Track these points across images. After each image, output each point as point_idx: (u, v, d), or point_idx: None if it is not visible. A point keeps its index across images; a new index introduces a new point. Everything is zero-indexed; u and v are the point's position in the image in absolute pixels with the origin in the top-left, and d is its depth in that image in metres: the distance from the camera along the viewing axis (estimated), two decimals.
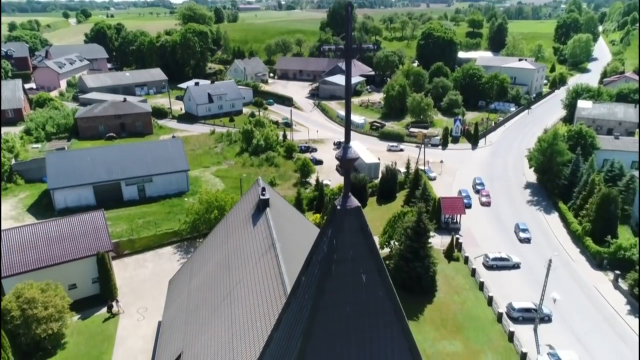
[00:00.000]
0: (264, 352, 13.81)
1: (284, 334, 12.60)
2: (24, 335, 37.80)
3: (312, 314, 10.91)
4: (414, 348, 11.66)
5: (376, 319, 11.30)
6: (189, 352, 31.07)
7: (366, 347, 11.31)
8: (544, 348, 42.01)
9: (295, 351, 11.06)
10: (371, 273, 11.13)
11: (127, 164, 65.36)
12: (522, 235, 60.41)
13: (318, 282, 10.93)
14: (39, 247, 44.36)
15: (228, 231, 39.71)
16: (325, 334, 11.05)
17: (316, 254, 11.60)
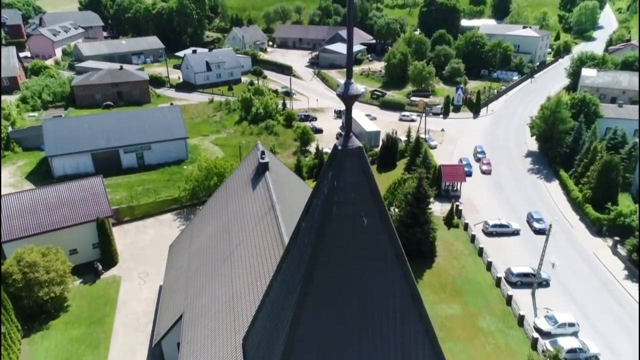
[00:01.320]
0: (264, 300, 13.70)
1: (284, 280, 12.43)
2: (26, 298, 38.13)
3: (313, 258, 10.69)
4: (416, 293, 11.50)
5: (377, 262, 11.08)
6: (189, 312, 31.34)
7: (367, 291, 11.14)
8: (541, 311, 42.53)
9: (295, 295, 10.88)
10: (373, 216, 10.85)
11: (125, 131, 64.66)
12: (536, 226, 54.25)
13: (318, 225, 10.67)
14: (38, 212, 44.27)
15: (228, 196, 39.53)
16: (325, 278, 10.85)
17: (316, 197, 11.29)
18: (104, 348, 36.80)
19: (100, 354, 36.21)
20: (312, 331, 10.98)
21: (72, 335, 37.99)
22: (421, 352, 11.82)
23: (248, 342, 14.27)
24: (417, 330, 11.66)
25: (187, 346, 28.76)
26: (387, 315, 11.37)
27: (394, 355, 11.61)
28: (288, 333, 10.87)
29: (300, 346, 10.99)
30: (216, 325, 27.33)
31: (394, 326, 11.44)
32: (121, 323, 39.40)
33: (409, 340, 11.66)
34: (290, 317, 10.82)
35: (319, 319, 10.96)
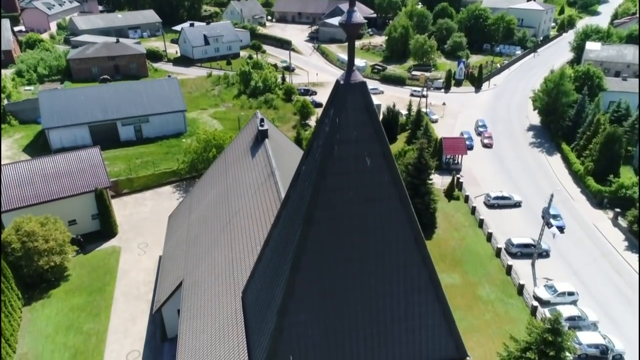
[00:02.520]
0: (263, 250, 13.40)
1: (283, 227, 12.09)
2: (26, 267, 38.05)
3: (313, 199, 10.30)
4: (420, 238, 11.15)
5: (380, 205, 10.70)
6: (189, 279, 31.28)
7: (370, 234, 10.79)
8: (541, 281, 42.60)
9: (295, 239, 10.53)
10: (376, 156, 10.42)
11: (123, 103, 63.78)
12: (555, 223, 46.86)
13: (319, 166, 10.24)
14: (35, 183, 43.87)
15: (227, 165, 39.11)
16: (326, 220, 10.49)
17: (317, 139, 10.84)
18: (104, 316, 36.92)
19: (101, 322, 36.35)
20: (313, 276, 10.68)
21: (72, 303, 38.08)
22: (424, 297, 11.57)
23: (248, 294, 14.03)
24: (420, 275, 11.38)
25: (187, 312, 28.77)
26: (389, 259, 11.05)
27: (397, 301, 11.35)
28: (288, 279, 10.57)
29: (300, 291, 10.71)
30: (216, 291, 27.26)
31: (397, 271, 11.14)
32: (121, 292, 39.48)
33: (411, 286, 11.38)
34: (290, 262, 10.49)
35: (320, 263, 10.64)
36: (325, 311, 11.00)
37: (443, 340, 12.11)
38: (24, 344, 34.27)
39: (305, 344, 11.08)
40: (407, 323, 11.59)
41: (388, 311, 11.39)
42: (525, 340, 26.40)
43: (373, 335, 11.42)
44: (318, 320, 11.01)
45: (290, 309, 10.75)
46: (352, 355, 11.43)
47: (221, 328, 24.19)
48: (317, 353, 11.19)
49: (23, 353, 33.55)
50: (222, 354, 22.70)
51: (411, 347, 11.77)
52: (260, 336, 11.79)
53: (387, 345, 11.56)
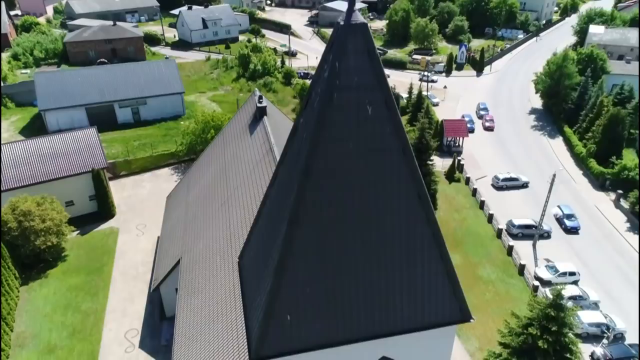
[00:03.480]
0: (260, 211, 12.92)
1: (280, 184, 11.60)
2: (23, 247, 37.67)
3: (312, 150, 9.78)
4: (423, 194, 10.66)
5: (382, 157, 10.19)
6: (187, 256, 30.94)
7: (370, 188, 10.30)
8: (542, 261, 42.32)
9: (293, 194, 10.03)
10: (378, 105, 9.88)
11: (120, 85, 62.91)
12: (568, 224, 46.19)
13: (318, 114, 9.71)
14: (31, 163, 43.34)
15: (225, 143, 38.55)
16: (325, 173, 9.99)
17: (316, 86, 10.29)
18: (102, 295, 36.66)
19: (99, 301, 36.10)
20: (311, 231, 10.22)
21: (70, 283, 37.80)
22: (427, 256, 11.12)
23: (244, 258, 13.59)
24: (423, 233, 10.92)
25: (185, 289, 28.46)
26: (391, 216, 10.57)
27: (399, 259, 10.91)
28: (286, 235, 10.10)
29: (298, 248, 10.25)
30: (213, 267, 26.91)
31: (399, 228, 10.68)
32: (120, 272, 39.18)
33: (414, 244, 10.93)
34: (288, 217, 10.01)
35: (318, 218, 10.16)
36: (324, 269, 10.55)
37: (446, 302, 11.71)
38: (22, 322, 34.05)
39: (303, 304, 10.66)
40: (409, 284, 11.15)
41: (389, 271, 10.95)
42: (527, 317, 26.09)
43: (374, 296, 11.00)
44: (317, 279, 10.57)
45: (288, 267, 10.30)
46: (351, 317, 11.02)
47: (219, 304, 23.87)
48: (315, 313, 10.77)
49: (20, 332, 33.33)
50: (219, 329, 22.40)
51: (413, 309, 11.36)
52: (257, 297, 11.38)
53: (388, 307, 11.16)
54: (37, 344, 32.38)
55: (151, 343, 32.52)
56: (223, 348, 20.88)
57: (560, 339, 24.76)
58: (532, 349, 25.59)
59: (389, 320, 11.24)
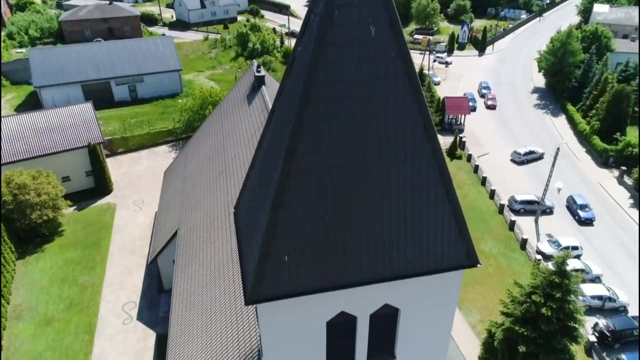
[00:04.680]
0: (256, 154, 12.27)
1: (277, 121, 10.92)
2: (18, 220, 37.18)
3: (311, 75, 9.08)
4: (430, 127, 10.00)
5: (386, 85, 9.49)
6: (184, 227, 30.42)
7: (373, 119, 9.63)
8: (544, 236, 41.85)
9: (291, 123, 9.36)
10: (381, 25, 9.15)
11: (116, 62, 61.85)
12: (582, 215, 43.44)
13: (317, 35, 8.98)
14: (27, 137, 42.63)
15: (223, 115, 37.80)
16: (325, 100, 9.31)
17: (315, 7, 9.55)
18: (100, 269, 36.26)
19: (97, 274, 35.71)
20: (310, 164, 9.58)
21: (67, 257, 37.38)
22: (433, 195, 10.49)
23: (240, 207, 12.98)
24: (430, 169, 10.27)
25: (182, 257, 27.99)
26: (395, 148, 9.91)
27: (403, 197, 10.29)
28: (283, 168, 9.45)
29: (296, 182, 9.62)
30: (211, 235, 26.39)
31: (403, 162, 10.03)
32: (117, 246, 38.74)
33: (420, 181, 10.29)
34: (285, 150, 9.35)
35: (318, 150, 9.52)
36: (323, 207, 9.93)
37: (453, 245, 11.12)
38: (18, 295, 33.70)
39: (301, 243, 10.07)
40: (413, 223, 10.54)
41: (393, 209, 10.32)
42: (531, 285, 25.63)
43: (376, 237, 10.39)
44: (316, 217, 9.96)
45: (286, 202, 9.68)
46: (352, 259, 10.44)
47: (216, 269, 23.39)
48: (314, 254, 10.19)
49: (17, 304, 33.00)
50: (216, 294, 21.94)
51: (418, 251, 10.77)
52: (253, 239, 10.78)
53: (391, 248, 10.56)
54: (33, 316, 32.06)
55: (149, 315, 32.20)
56: (221, 312, 20.43)
57: (564, 306, 24.31)
58: (534, 317, 25.18)
59: (392, 263, 10.66)
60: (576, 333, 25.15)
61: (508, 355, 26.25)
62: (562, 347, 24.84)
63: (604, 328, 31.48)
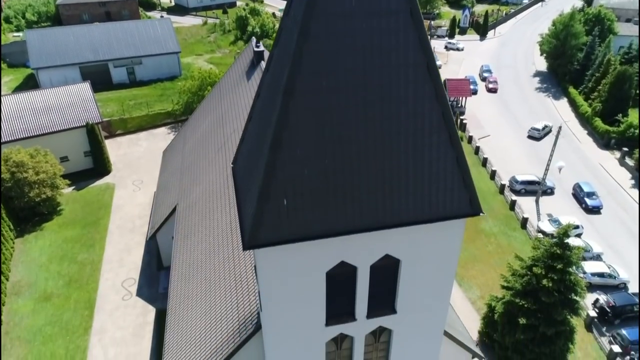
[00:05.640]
0: (254, 105, 11.99)
1: (275, 65, 10.62)
2: (17, 199, 37.01)
3: (309, 8, 8.76)
4: (433, 66, 9.70)
5: (387, 20, 9.18)
6: (183, 202, 30.24)
7: (374, 56, 9.32)
8: (544, 216, 41.69)
9: (289, 61, 9.07)
10: None
11: (114, 44, 61.24)
12: (590, 203, 42.16)
13: None
14: (24, 117, 42.32)
15: (222, 93, 37.42)
16: (324, 35, 9.01)
17: None
18: (99, 247, 36.15)
19: (96, 252, 35.61)
20: (309, 102, 9.31)
21: (66, 235, 37.26)
22: (436, 139, 10.23)
23: (238, 160, 12.73)
24: (432, 111, 9.99)
25: (181, 232, 27.84)
26: (397, 89, 9.63)
27: (404, 142, 10.04)
28: (281, 105, 9.16)
29: (295, 119, 9.36)
30: (210, 208, 26.20)
31: (405, 104, 9.75)
32: (116, 225, 38.60)
33: (422, 123, 10.02)
34: (283, 87, 9.07)
35: (317, 87, 9.23)
36: (323, 148, 9.69)
37: (456, 193, 10.87)
38: (17, 272, 33.63)
39: (301, 186, 9.84)
40: (415, 168, 10.29)
41: (394, 153, 10.08)
42: (532, 257, 25.50)
43: (377, 181, 10.16)
44: (315, 159, 9.72)
45: (284, 142, 9.43)
46: (353, 204, 10.22)
47: (215, 240, 23.24)
48: (314, 198, 9.96)
49: (16, 281, 32.93)
50: (215, 263, 21.79)
51: (420, 197, 10.53)
52: (251, 184, 10.55)
53: (392, 194, 10.33)
54: (33, 292, 32.02)
55: (149, 291, 32.15)
56: (220, 280, 20.30)
57: (565, 277, 24.20)
58: (535, 290, 25.10)
59: (393, 209, 10.44)
60: (577, 305, 25.09)
61: (508, 328, 26.22)
62: (562, 319, 24.79)
63: (605, 304, 31.42)
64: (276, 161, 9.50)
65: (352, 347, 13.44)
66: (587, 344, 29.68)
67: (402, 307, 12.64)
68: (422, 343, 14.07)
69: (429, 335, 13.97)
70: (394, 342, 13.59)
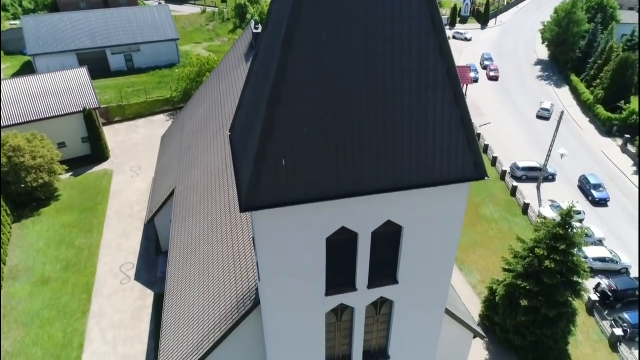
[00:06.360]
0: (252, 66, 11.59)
1: (273, 24, 10.21)
2: (14, 183, 36.67)
3: None
4: (438, 19, 9.30)
5: None
6: (181, 185, 29.90)
7: (377, 7, 8.91)
8: (546, 202, 41.37)
9: (287, 12, 8.66)
10: None
11: (112, 30, 60.63)
12: (597, 195, 40.94)
13: None
14: (21, 102, 41.85)
15: (220, 76, 36.92)
16: None
17: None
18: (97, 232, 35.86)
19: (94, 237, 35.32)
20: (309, 54, 8.94)
21: (64, 221, 36.96)
22: (440, 97, 9.84)
23: (235, 129, 12.36)
24: (437, 67, 9.60)
25: (180, 214, 27.52)
26: (400, 41, 9.23)
27: (408, 99, 9.65)
28: (280, 57, 8.77)
29: (294, 73, 8.98)
30: (209, 188, 25.86)
31: (408, 57, 9.36)
32: (114, 211, 38.29)
33: (426, 80, 9.63)
34: (282, 38, 8.67)
35: (316, 38, 8.84)
36: (323, 105, 9.32)
37: (460, 155, 10.48)
38: (14, 257, 33.36)
39: (300, 146, 9.48)
40: (419, 127, 9.93)
41: (397, 111, 9.70)
42: (534, 238, 25.20)
43: (379, 141, 9.80)
44: (315, 116, 9.36)
45: (283, 98, 9.06)
46: (354, 165, 9.86)
47: (213, 221, 22.91)
48: (313, 158, 9.61)
49: (13, 265, 32.67)
50: (214, 242, 21.49)
51: (423, 159, 10.17)
52: (249, 145, 10.18)
53: (395, 155, 9.97)
54: (30, 276, 31.76)
55: (147, 276, 31.90)
56: (218, 258, 20.00)
57: (568, 258, 23.91)
58: (537, 272, 24.82)
59: (396, 171, 10.08)
60: (579, 287, 24.83)
61: (509, 310, 25.98)
62: (564, 301, 24.53)
63: (606, 288, 31.19)
64: (274, 119, 9.13)
65: (352, 319, 13.15)
66: (588, 327, 29.48)
67: (404, 278, 12.33)
68: (423, 317, 13.78)
69: (431, 309, 13.67)
70: (396, 315, 13.30)
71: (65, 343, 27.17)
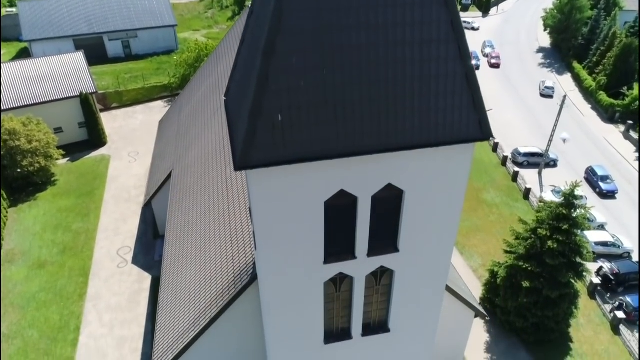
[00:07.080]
0: (248, 23, 11.14)
1: None
2: (10, 167, 36.28)
3: None
4: None
5: None
6: (179, 167, 29.51)
7: None
8: (547, 187, 41.01)
9: None
10: None
11: (109, 16, 59.86)
12: (604, 187, 39.88)
13: None
14: (16, 86, 41.35)
15: (218, 58, 36.38)
16: None
17: None
18: (94, 216, 35.54)
19: (91, 221, 35.01)
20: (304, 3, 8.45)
21: (61, 205, 36.62)
22: (444, 52, 9.40)
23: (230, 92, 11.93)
24: (440, 20, 9.14)
25: (177, 195, 27.14)
26: None
27: (410, 50, 9.21)
28: (274, 8, 8.31)
29: (289, 22, 8.53)
30: (206, 168, 25.46)
31: (411, 8, 8.90)
32: (112, 195, 37.95)
33: (429, 33, 9.18)
34: None
35: None
36: (321, 56, 8.89)
37: (464, 114, 10.07)
38: (11, 240, 33.06)
39: (297, 100, 9.05)
40: (421, 83, 9.50)
41: (399, 64, 9.27)
42: (536, 219, 24.85)
43: (380, 96, 9.37)
44: (313, 69, 8.93)
45: (278, 48, 8.62)
46: (353, 122, 9.45)
47: (210, 199, 22.54)
48: (311, 113, 9.19)
49: (10, 249, 32.37)
50: (210, 220, 21.12)
51: (425, 117, 9.76)
52: (243, 101, 9.76)
53: (396, 111, 9.56)
54: (27, 259, 31.48)
55: (144, 259, 31.63)
56: (215, 236, 19.64)
57: (570, 239, 23.59)
58: (539, 253, 24.50)
59: (397, 129, 9.67)
60: (582, 268, 24.54)
61: (511, 292, 25.71)
62: (566, 282, 24.25)
63: (608, 272, 30.91)
64: (269, 71, 8.69)
65: (351, 289, 12.80)
66: (590, 310, 29.25)
67: (405, 246, 11.95)
68: (425, 289, 13.44)
69: (432, 281, 13.33)
70: (396, 286, 12.95)
71: (62, 325, 26.93)
